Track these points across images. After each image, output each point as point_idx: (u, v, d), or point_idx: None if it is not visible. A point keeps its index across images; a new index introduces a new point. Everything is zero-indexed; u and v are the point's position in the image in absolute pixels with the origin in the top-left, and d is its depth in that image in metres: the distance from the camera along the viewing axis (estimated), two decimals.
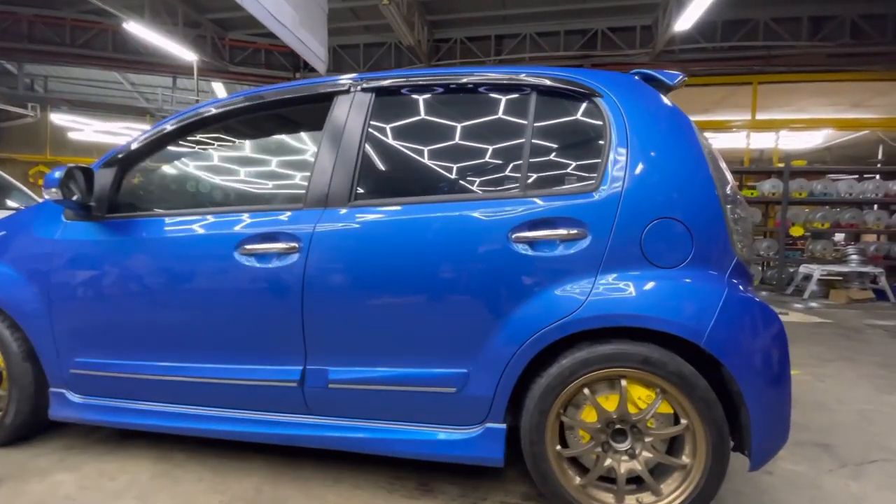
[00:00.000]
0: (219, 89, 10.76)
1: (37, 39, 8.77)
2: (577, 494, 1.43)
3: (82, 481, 1.68)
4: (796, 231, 7.27)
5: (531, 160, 1.54)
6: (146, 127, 11.31)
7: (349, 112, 1.68)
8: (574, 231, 1.42)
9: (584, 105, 1.56)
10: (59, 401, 1.84)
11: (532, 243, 1.44)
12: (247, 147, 1.92)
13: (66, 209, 1.82)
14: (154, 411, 1.76)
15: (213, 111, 1.81)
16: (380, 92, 1.70)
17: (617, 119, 1.50)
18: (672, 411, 1.40)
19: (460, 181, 1.62)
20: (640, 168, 1.44)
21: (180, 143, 1.89)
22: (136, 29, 7.00)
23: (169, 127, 1.83)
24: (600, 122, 1.52)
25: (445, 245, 1.48)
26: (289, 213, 1.62)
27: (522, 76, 1.60)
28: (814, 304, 6.17)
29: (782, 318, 1.37)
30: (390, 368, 1.52)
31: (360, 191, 1.61)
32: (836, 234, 8.45)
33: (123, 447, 1.94)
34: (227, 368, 1.65)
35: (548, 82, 1.57)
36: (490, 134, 1.63)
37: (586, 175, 1.50)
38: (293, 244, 1.57)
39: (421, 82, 1.67)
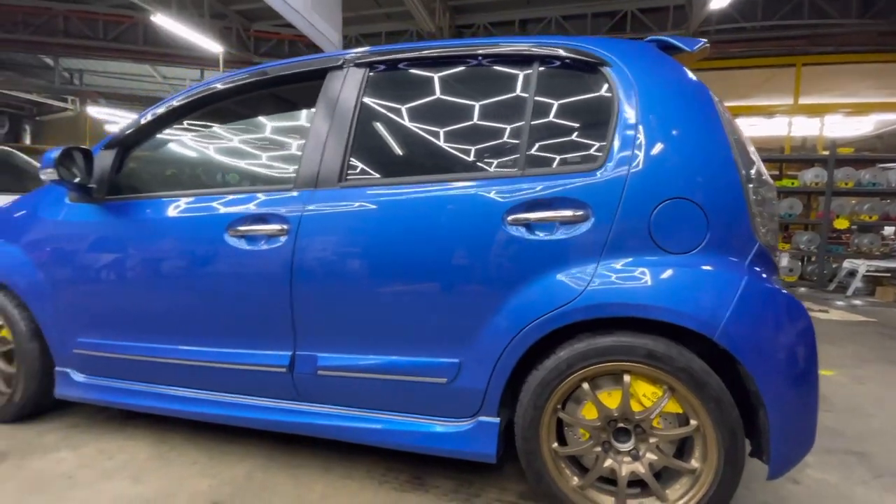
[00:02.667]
0: None
1: (72, 34, 9.11)
2: (573, 496, 1.34)
3: (82, 459, 1.70)
4: (841, 224, 6.79)
5: (531, 137, 1.42)
6: None
7: (341, 88, 1.61)
8: (575, 213, 1.30)
9: (591, 76, 1.43)
10: (64, 380, 1.87)
11: (529, 226, 1.33)
12: (241, 127, 1.88)
13: (70, 191, 1.83)
14: (151, 393, 1.76)
15: (207, 92, 1.77)
16: (374, 66, 1.61)
17: (626, 90, 1.36)
18: (682, 411, 1.28)
19: (456, 160, 1.52)
20: (650, 144, 1.31)
21: (176, 124, 1.86)
22: (164, 21, 7.14)
23: (164, 109, 1.80)
24: (608, 94, 1.39)
25: (436, 228, 1.40)
26: (279, 195, 1.56)
27: (524, 46, 1.48)
28: (857, 302, 5.76)
29: (821, 315, 1.23)
30: (379, 356, 1.46)
31: (352, 171, 1.54)
32: (884, 228, 7.85)
33: (126, 428, 1.96)
34: (220, 352, 1.62)
35: (551, 52, 1.45)
36: (488, 109, 1.52)
37: (591, 152, 1.38)
38: (282, 226, 1.51)
39: (417, 56, 1.58)
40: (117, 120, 11.63)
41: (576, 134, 1.43)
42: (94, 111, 11.23)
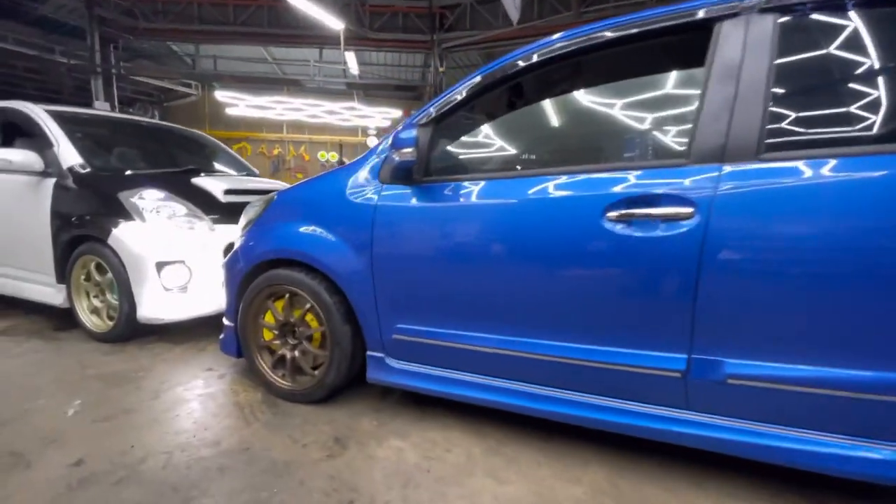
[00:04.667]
0: (350, 58, 10.99)
1: (205, 20, 9.61)
2: None
3: (419, 450, 1.66)
4: None
5: None
6: (288, 99, 12.09)
7: (745, 41, 1.32)
8: None
9: None
10: (378, 364, 1.85)
11: None
12: (590, 94, 1.67)
13: (382, 172, 1.75)
14: (485, 385, 1.66)
15: (541, 56, 1.57)
16: (786, 11, 1.31)
17: None
18: None
19: None
20: None
21: (500, 95, 1.70)
22: (297, 1, 7.24)
23: (484, 78, 1.63)
24: None
25: None
26: (670, 171, 1.34)
27: None
28: None
29: None
30: (822, 368, 1.21)
31: (774, 142, 1.27)
32: None
33: (427, 416, 1.90)
34: (579, 348, 1.47)
35: None
36: None
37: None
38: (684, 209, 1.29)
39: None
40: (235, 103, 12.31)
41: None
42: (220, 95, 11.95)
